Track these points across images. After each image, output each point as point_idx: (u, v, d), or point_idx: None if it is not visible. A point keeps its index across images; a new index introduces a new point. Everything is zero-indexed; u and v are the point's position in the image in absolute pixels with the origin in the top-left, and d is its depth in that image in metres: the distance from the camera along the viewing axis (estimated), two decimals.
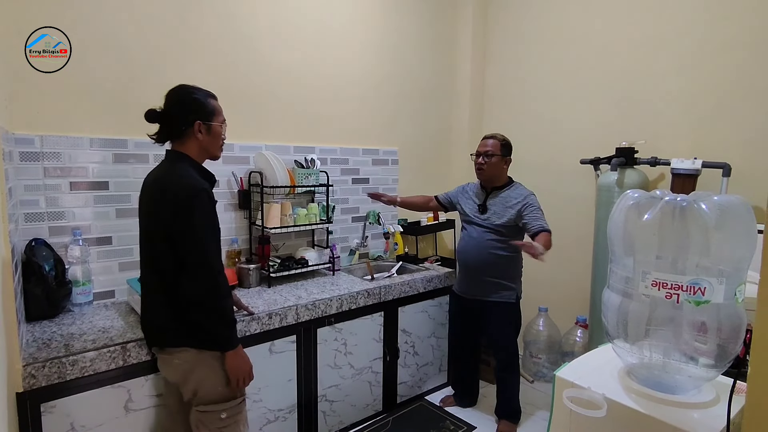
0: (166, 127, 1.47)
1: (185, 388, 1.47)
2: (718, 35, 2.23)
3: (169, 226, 1.37)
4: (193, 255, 1.37)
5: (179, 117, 1.45)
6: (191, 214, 1.36)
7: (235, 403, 1.48)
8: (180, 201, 1.36)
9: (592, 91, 2.73)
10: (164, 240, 1.38)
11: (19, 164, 1.77)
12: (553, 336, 2.86)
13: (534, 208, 2.20)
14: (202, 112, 1.47)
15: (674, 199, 1.18)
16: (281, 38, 2.43)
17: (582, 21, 2.75)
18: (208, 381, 1.45)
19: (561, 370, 1.36)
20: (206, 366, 1.44)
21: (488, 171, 2.28)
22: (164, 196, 1.38)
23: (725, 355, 1.18)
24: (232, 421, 1.47)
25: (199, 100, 1.48)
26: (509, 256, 2.26)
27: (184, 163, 1.46)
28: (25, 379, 1.38)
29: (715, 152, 2.21)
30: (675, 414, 1.13)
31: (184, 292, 1.38)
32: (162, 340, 1.48)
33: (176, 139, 1.48)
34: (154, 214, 1.41)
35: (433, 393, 2.73)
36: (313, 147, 2.61)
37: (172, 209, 1.36)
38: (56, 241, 1.86)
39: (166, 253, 1.39)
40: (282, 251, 2.54)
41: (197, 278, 1.37)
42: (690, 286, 1.12)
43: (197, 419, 1.47)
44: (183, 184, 1.38)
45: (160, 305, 1.45)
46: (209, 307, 1.38)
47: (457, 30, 3.26)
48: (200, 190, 1.39)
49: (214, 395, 1.46)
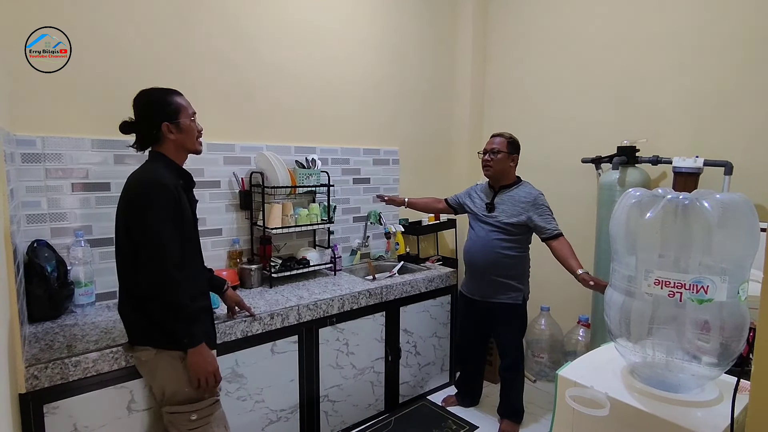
0: (140, 134, 1.49)
1: (154, 388, 1.48)
2: (719, 33, 2.23)
3: (125, 220, 1.40)
4: (147, 248, 1.36)
5: (147, 123, 1.47)
6: (145, 208, 1.37)
7: (205, 404, 1.45)
8: (136, 195, 1.39)
9: (593, 90, 2.73)
10: (125, 236, 1.41)
11: (20, 166, 1.77)
12: (555, 335, 2.86)
13: (544, 209, 2.19)
14: (165, 112, 1.47)
15: (676, 198, 1.18)
16: (281, 39, 2.43)
17: (582, 19, 2.75)
18: (172, 381, 1.42)
19: (563, 369, 1.36)
20: (168, 365, 1.42)
21: (494, 168, 2.26)
22: (127, 191, 1.42)
23: (728, 354, 1.18)
24: (204, 422, 1.43)
25: (163, 101, 1.48)
26: (516, 256, 2.25)
27: (158, 162, 1.48)
28: (27, 380, 1.38)
29: (717, 150, 2.21)
30: (678, 413, 1.13)
31: (140, 287, 1.39)
32: (130, 336, 1.49)
33: (153, 143, 1.50)
34: (119, 209, 1.44)
35: (435, 393, 2.73)
36: (314, 147, 2.61)
37: (129, 204, 1.40)
38: (58, 242, 1.86)
39: (127, 248, 1.41)
40: (283, 251, 2.54)
41: (150, 272, 1.36)
42: (693, 284, 1.11)
43: (167, 420, 1.45)
44: (142, 179, 1.41)
45: (124, 302, 1.47)
46: (163, 302, 1.36)
47: (457, 29, 3.26)
48: (158, 184, 1.38)
49: (182, 396, 1.43)
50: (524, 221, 2.20)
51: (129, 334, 1.50)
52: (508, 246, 2.24)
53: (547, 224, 2.18)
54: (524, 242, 2.27)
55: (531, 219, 2.19)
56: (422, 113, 3.16)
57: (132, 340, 1.48)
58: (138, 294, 1.41)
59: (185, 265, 1.43)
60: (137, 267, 1.39)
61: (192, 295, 1.45)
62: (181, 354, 1.42)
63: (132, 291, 1.44)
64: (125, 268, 1.45)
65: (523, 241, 2.26)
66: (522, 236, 2.24)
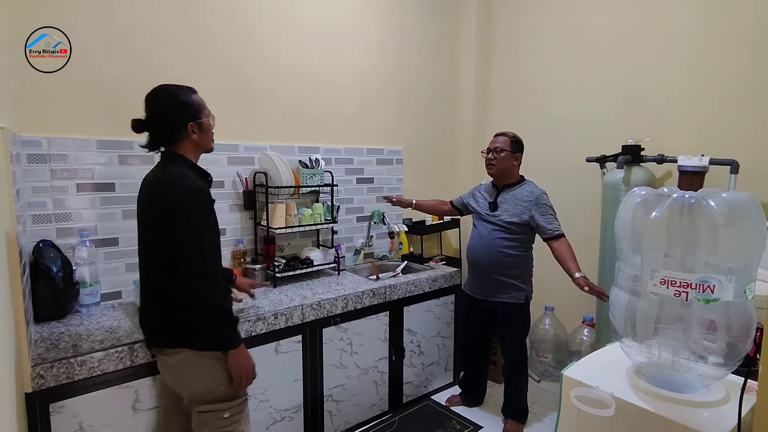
0: (156, 133, 1.44)
1: (183, 390, 1.47)
2: (723, 31, 2.21)
3: (163, 227, 1.35)
4: (189, 255, 1.35)
5: (169, 121, 1.42)
6: (185, 214, 1.34)
7: (237, 402, 1.47)
8: (174, 201, 1.35)
9: (597, 89, 2.71)
10: (160, 241, 1.37)
11: (26, 166, 1.78)
12: (559, 335, 2.85)
13: (547, 209, 2.19)
14: (190, 111, 1.44)
15: (682, 197, 1.17)
16: (284, 39, 2.43)
17: (587, 18, 2.74)
18: (207, 382, 1.43)
19: (568, 369, 1.36)
20: (204, 366, 1.42)
21: (497, 167, 2.26)
22: (158, 198, 1.37)
23: (735, 354, 1.17)
24: (235, 420, 1.46)
25: (185, 100, 1.44)
26: (519, 255, 2.24)
27: (179, 164, 1.44)
28: (33, 379, 1.39)
29: (722, 149, 2.19)
30: (684, 413, 1.12)
31: (182, 293, 1.36)
32: (159, 340, 1.47)
33: (170, 143, 1.46)
34: (149, 216, 1.40)
35: (438, 392, 2.73)
36: (317, 147, 2.61)
37: (166, 210, 1.35)
38: (63, 242, 1.87)
39: (161, 255, 1.38)
40: (287, 251, 2.55)
41: (194, 278, 1.35)
42: (699, 284, 1.11)
43: (198, 420, 1.45)
44: (177, 185, 1.37)
45: (157, 306, 1.44)
46: (208, 307, 1.37)
47: (460, 29, 3.25)
48: (195, 189, 1.37)
49: (216, 395, 1.44)
50: (527, 220, 2.20)
51: (158, 338, 1.47)
52: (511, 245, 2.23)
53: (549, 224, 2.17)
54: (527, 241, 2.26)
55: (533, 218, 2.18)
56: (426, 113, 3.15)
57: (161, 344, 1.46)
58: (172, 300, 1.39)
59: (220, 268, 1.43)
60: (174, 273, 1.35)
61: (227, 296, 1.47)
62: (217, 354, 1.42)
63: (164, 297, 1.41)
64: (155, 275, 1.42)
65: (526, 240, 2.25)
66: (525, 235, 2.24)
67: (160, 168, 1.46)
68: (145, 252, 1.45)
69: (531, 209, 2.19)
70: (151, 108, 1.43)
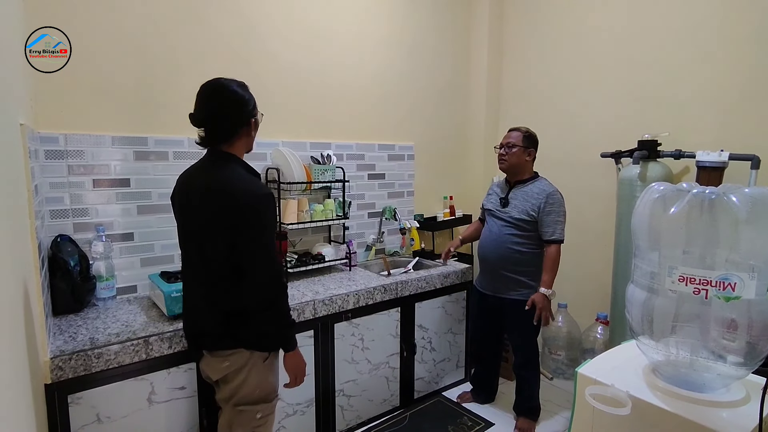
0: (215, 129, 1.38)
1: (226, 386, 1.45)
2: (744, 22, 2.15)
3: (233, 230, 1.31)
4: (262, 260, 1.34)
5: (234, 117, 1.38)
6: (261, 221, 1.34)
7: (271, 404, 1.50)
8: (248, 208, 1.31)
9: (613, 83, 2.66)
10: (226, 248, 1.33)
11: (44, 162, 1.81)
12: (572, 333, 2.82)
13: (553, 209, 2.16)
14: (250, 106, 1.41)
15: (702, 192, 1.14)
16: (295, 36, 2.43)
17: (600, 11, 2.68)
18: (253, 382, 1.43)
19: (583, 366, 1.34)
20: (254, 367, 1.43)
21: (509, 161, 2.24)
22: (230, 203, 1.31)
23: (756, 353, 1.14)
24: (264, 421, 1.49)
25: (246, 96, 1.40)
26: (528, 252, 2.22)
27: (236, 166, 1.39)
28: (52, 371, 1.42)
29: (742, 144, 2.14)
30: (703, 413, 1.10)
31: (251, 296, 1.36)
32: (212, 342, 1.44)
33: (225, 141, 1.40)
34: (215, 222, 1.34)
35: (450, 389, 2.72)
36: (329, 143, 2.61)
37: (238, 216, 1.31)
38: (80, 237, 1.90)
39: (223, 258, 1.35)
40: (299, 247, 2.56)
41: (266, 282, 1.35)
42: (719, 281, 1.08)
43: (232, 417, 1.46)
44: (250, 191, 1.33)
45: (211, 308, 1.41)
46: (276, 310, 1.38)
47: (473, 24, 3.22)
48: (268, 195, 1.36)
49: (254, 396, 1.45)
50: (535, 217, 2.18)
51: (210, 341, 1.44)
52: (520, 242, 2.21)
53: (548, 226, 2.15)
54: (537, 239, 2.23)
55: (539, 215, 2.16)
56: (438, 109, 3.13)
57: (216, 346, 1.43)
58: (233, 302, 1.37)
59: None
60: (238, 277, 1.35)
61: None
62: (264, 356, 1.44)
63: (221, 300, 1.39)
64: (213, 278, 1.38)
65: (536, 237, 2.22)
66: (534, 232, 2.21)
67: (213, 169, 1.38)
68: (202, 255, 1.39)
69: (539, 206, 2.17)
70: (212, 101, 1.37)
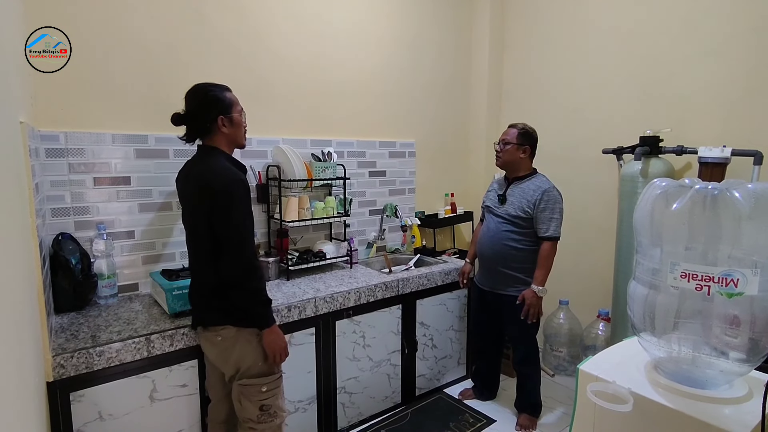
0: (192, 126, 1.57)
1: (227, 366, 1.57)
2: (746, 16, 2.13)
3: (210, 214, 1.47)
4: (232, 240, 1.47)
5: (202, 115, 1.54)
6: (230, 203, 1.47)
7: (274, 378, 1.59)
8: (221, 192, 1.46)
9: (614, 78, 2.65)
10: (206, 228, 1.49)
11: (45, 161, 1.81)
12: (574, 329, 2.82)
13: (548, 206, 2.15)
14: (222, 106, 1.55)
15: (705, 188, 1.14)
16: (296, 33, 2.42)
17: (604, 6, 2.67)
18: (249, 357, 1.54)
19: (585, 363, 1.34)
20: (246, 342, 1.54)
21: (503, 159, 2.26)
22: (206, 188, 1.48)
23: (758, 350, 1.14)
24: (272, 394, 1.58)
25: (217, 95, 1.56)
26: (525, 249, 2.22)
27: (218, 157, 1.55)
28: (54, 369, 1.43)
29: (745, 139, 2.13)
30: (705, 409, 1.10)
31: (224, 273, 1.48)
32: (206, 319, 1.58)
33: (204, 136, 1.57)
34: (197, 205, 1.51)
35: (451, 386, 2.72)
36: (329, 140, 2.61)
37: (213, 199, 1.46)
38: (82, 235, 1.90)
39: (207, 240, 1.50)
40: (300, 244, 2.56)
41: (235, 261, 1.47)
42: (722, 277, 1.08)
43: (239, 392, 1.56)
44: (223, 177, 1.48)
45: (204, 287, 1.57)
46: (246, 288, 1.48)
47: (474, 20, 3.20)
48: (239, 180, 1.50)
49: (255, 370, 1.55)
50: (531, 214, 2.18)
51: (205, 318, 1.58)
52: (517, 239, 2.21)
53: (543, 223, 2.15)
54: (534, 235, 2.22)
55: (534, 211, 2.16)
56: (439, 105, 3.12)
57: (208, 322, 1.57)
58: (216, 281, 1.50)
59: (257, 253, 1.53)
60: (219, 257, 1.49)
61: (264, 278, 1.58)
62: (256, 331, 1.54)
63: (209, 279, 1.52)
64: (201, 259, 1.55)
65: (533, 234, 2.21)
66: (531, 229, 2.20)
67: (200, 161, 1.57)
68: (194, 239, 1.57)
69: (535, 203, 2.16)
70: (188, 102, 1.56)
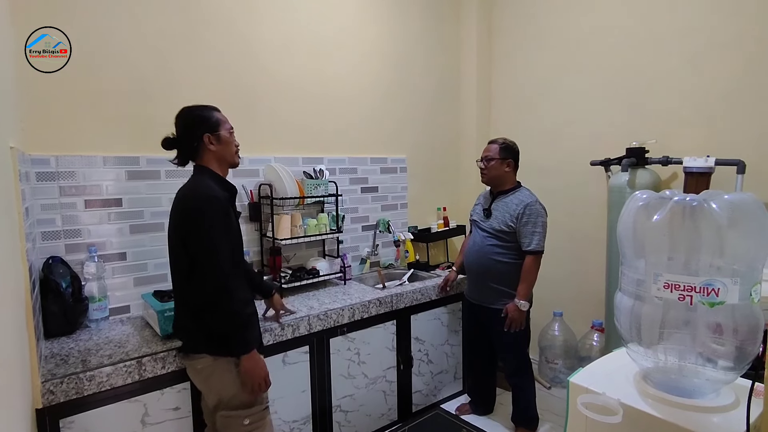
0: (181, 149, 1.57)
1: (210, 395, 1.53)
2: (727, 30, 2.20)
3: (184, 235, 1.45)
4: (203, 259, 1.43)
5: (189, 135, 1.54)
6: (201, 220, 1.43)
7: (258, 410, 1.53)
8: (193, 210, 1.44)
9: (600, 91, 2.71)
10: (181, 247, 1.46)
11: (35, 184, 1.82)
12: (569, 341, 2.82)
13: (531, 219, 2.16)
14: (207, 124, 1.55)
15: (683, 199, 1.16)
16: (285, 51, 2.46)
17: (588, 20, 2.74)
18: (229, 387, 1.49)
19: (575, 375, 1.34)
20: (225, 371, 1.48)
21: (488, 175, 2.28)
22: (180, 206, 1.48)
23: (744, 357, 1.15)
24: (256, 427, 1.51)
25: (202, 114, 1.57)
26: (510, 263, 2.23)
27: (204, 176, 1.54)
28: (44, 395, 1.41)
29: (728, 149, 2.17)
30: (693, 418, 1.10)
31: (195, 295, 1.45)
32: (186, 346, 1.55)
33: (194, 157, 1.57)
34: (176, 225, 1.49)
35: (448, 401, 2.71)
36: (321, 157, 2.63)
37: (186, 219, 1.45)
38: (73, 258, 1.90)
39: (183, 261, 1.46)
40: (293, 262, 2.56)
41: (206, 281, 1.42)
42: (703, 287, 1.09)
43: (221, 424, 1.52)
44: (196, 193, 1.47)
45: (181, 312, 1.54)
46: (219, 310, 1.42)
47: (462, 36, 3.27)
48: (211, 197, 1.45)
49: (236, 401, 1.49)
50: (514, 228, 2.19)
51: (185, 344, 1.56)
52: (502, 252, 2.23)
53: (525, 236, 2.17)
54: (519, 249, 2.22)
55: (517, 225, 2.18)
56: (429, 120, 3.16)
57: (188, 349, 1.54)
58: (193, 304, 1.47)
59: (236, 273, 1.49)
60: (193, 278, 1.44)
61: (243, 301, 1.51)
62: (236, 360, 1.48)
63: (188, 302, 1.50)
64: (181, 280, 1.50)
65: (518, 248, 2.22)
66: (515, 243, 2.22)
67: (188, 181, 1.56)
68: (172, 260, 1.53)
69: (518, 216, 2.18)
70: (177, 125, 1.57)
